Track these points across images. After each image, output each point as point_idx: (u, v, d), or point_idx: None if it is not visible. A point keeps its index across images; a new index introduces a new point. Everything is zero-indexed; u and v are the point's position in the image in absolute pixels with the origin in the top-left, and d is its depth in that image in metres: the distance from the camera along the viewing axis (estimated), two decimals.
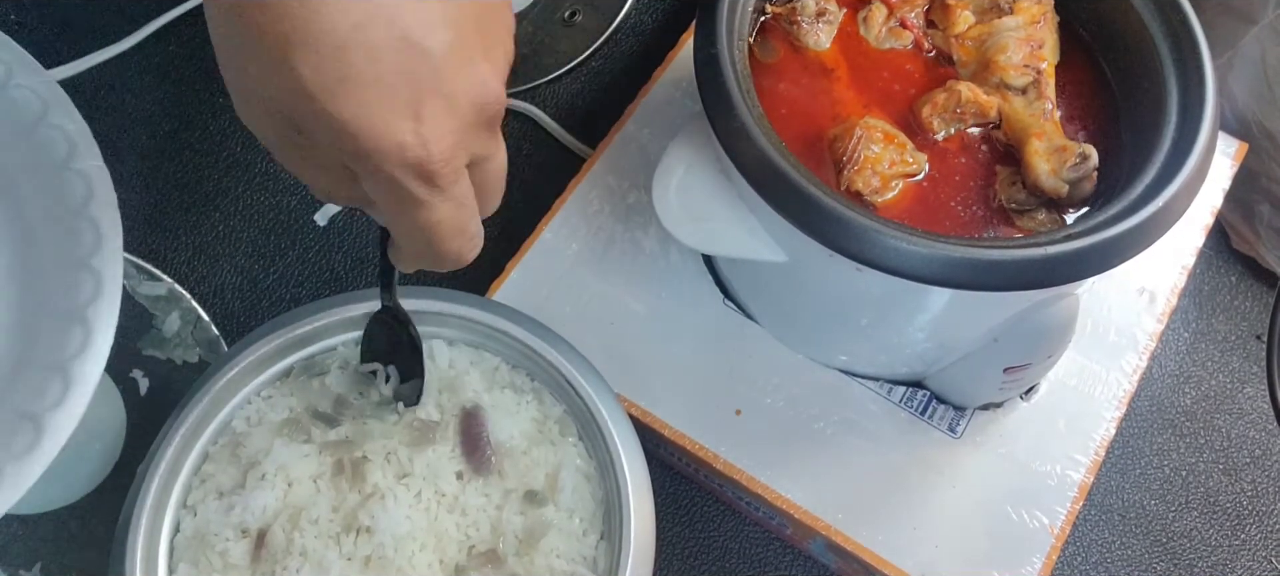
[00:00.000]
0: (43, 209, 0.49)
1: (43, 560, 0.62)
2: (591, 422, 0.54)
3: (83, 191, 0.48)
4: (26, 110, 0.49)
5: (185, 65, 0.79)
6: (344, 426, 0.54)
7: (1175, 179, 0.52)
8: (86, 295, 0.46)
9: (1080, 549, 0.66)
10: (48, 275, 0.47)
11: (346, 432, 0.54)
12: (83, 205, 0.47)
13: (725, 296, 0.65)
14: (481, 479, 0.53)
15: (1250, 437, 0.69)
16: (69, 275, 0.47)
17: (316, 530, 0.51)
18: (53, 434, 0.43)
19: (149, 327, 0.68)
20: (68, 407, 0.44)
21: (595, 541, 0.53)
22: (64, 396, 0.44)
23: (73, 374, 0.44)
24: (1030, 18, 0.60)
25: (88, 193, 0.48)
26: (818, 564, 0.64)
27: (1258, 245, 0.73)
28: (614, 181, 0.68)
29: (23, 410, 0.44)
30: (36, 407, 0.44)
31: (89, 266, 0.47)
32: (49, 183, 0.49)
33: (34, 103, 0.49)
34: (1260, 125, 0.72)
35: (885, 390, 0.63)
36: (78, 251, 0.47)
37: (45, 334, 0.46)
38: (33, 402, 0.44)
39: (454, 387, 0.55)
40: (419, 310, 0.56)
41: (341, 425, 0.54)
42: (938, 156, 0.58)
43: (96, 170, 0.49)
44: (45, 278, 0.47)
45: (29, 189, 0.49)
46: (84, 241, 0.48)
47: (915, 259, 0.50)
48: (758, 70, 0.59)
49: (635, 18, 0.82)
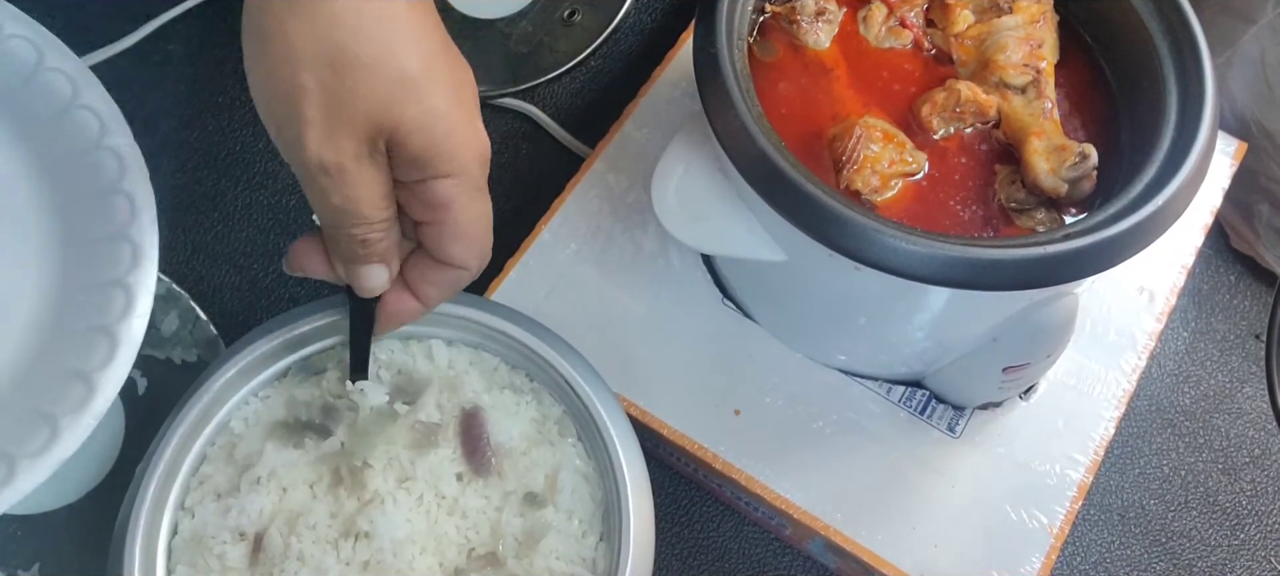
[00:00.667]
0: (78, 186, 0.51)
1: (41, 561, 0.62)
2: (591, 423, 0.54)
3: (115, 169, 0.49)
4: (60, 94, 0.51)
5: (185, 65, 0.79)
6: (338, 434, 0.53)
7: (1174, 178, 0.52)
8: (126, 264, 0.48)
9: (1079, 548, 0.66)
10: (87, 248, 0.49)
11: (342, 438, 0.53)
12: (117, 181, 0.49)
13: (724, 296, 0.65)
14: (481, 480, 0.53)
15: (1249, 437, 0.69)
16: (108, 247, 0.49)
17: (314, 535, 0.51)
18: (103, 390, 0.46)
19: (147, 327, 0.67)
20: (115, 366, 0.46)
21: (594, 542, 0.53)
22: (112, 355, 0.46)
23: (118, 334, 0.47)
24: (1029, 17, 0.60)
25: (120, 170, 0.50)
26: (817, 563, 0.64)
27: (1257, 244, 0.73)
28: (613, 181, 0.68)
29: (73, 369, 0.46)
30: (87, 365, 0.47)
31: (127, 237, 0.49)
32: (84, 161, 0.51)
33: (65, 86, 0.51)
34: (1259, 124, 0.72)
35: (884, 389, 0.63)
36: (114, 223, 0.49)
37: (89, 300, 0.49)
38: (83, 361, 0.47)
39: (454, 388, 0.55)
40: None
41: (336, 434, 0.53)
42: (937, 156, 0.58)
43: (128, 147, 0.53)
44: (85, 249, 0.49)
45: (64, 168, 0.51)
46: (119, 215, 0.50)
47: (914, 258, 0.50)
48: (757, 69, 0.59)
49: (634, 17, 0.82)
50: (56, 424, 0.46)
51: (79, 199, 0.51)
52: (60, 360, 0.48)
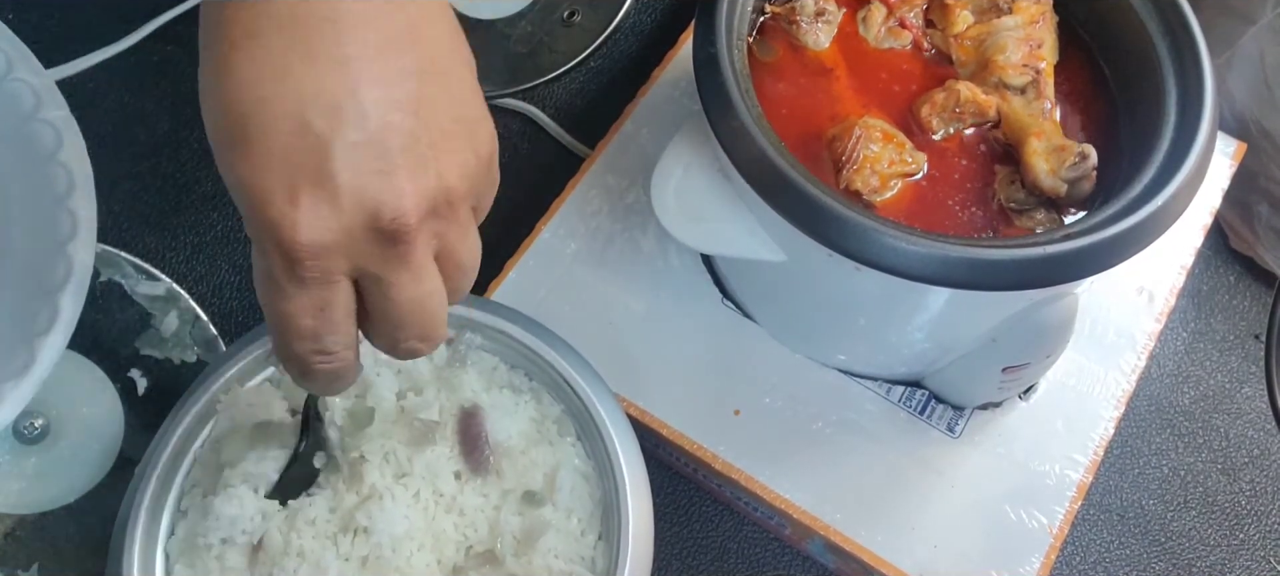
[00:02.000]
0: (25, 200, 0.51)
1: (41, 560, 0.62)
2: (590, 422, 0.54)
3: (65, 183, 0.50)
4: (22, 103, 0.51)
5: (183, 65, 0.79)
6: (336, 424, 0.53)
7: (1174, 179, 0.52)
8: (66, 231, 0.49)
9: (1079, 548, 0.66)
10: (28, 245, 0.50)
11: (339, 423, 0.53)
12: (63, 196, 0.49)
13: (724, 296, 0.65)
14: (480, 479, 0.53)
15: (1249, 437, 0.69)
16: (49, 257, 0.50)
17: (314, 531, 0.51)
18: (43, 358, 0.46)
19: (147, 327, 0.67)
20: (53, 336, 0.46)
21: (593, 541, 0.53)
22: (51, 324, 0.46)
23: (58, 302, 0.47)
24: (1029, 17, 0.60)
25: (69, 185, 0.50)
26: (816, 563, 0.64)
27: (1256, 245, 0.73)
28: (613, 181, 0.68)
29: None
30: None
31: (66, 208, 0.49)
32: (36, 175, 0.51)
33: (28, 97, 0.51)
34: (1259, 125, 0.72)
35: (884, 389, 0.63)
36: (58, 236, 0.50)
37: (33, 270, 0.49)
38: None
39: (452, 387, 0.55)
40: None
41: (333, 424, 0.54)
42: (936, 156, 0.58)
43: (78, 164, 0.52)
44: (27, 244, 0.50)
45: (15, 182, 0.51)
46: (62, 230, 0.50)
47: (914, 258, 0.50)
48: (757, 70, 0.59)
49: (634, 17, 0.82)
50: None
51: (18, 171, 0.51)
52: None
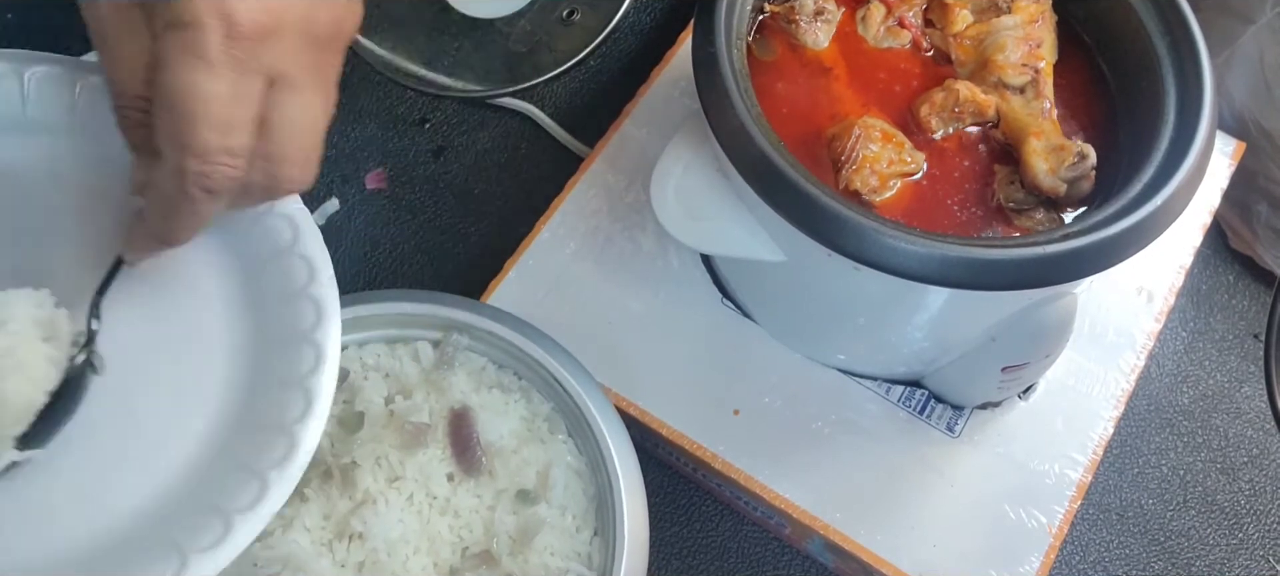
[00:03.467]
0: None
1: None
2: (580, 419, 0.54)
3: (312, 316, 0.50)
4: (280, 238, 0.51)
5: None
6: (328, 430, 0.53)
7: (1173, 178, 0.52)
8: (309, 364, 0.48)
9: (1078, 548, 0.66)
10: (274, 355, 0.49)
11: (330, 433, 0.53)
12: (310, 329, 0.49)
13: (723, 296, 0.65)
14: (473, 480, 0.53)
15: (1248, 437, 0.69)
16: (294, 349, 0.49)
17: (309, 537, 0.51)
18: (278, 489, 0.46)
19: None
20: (291, 465, 0.46)
21: (589, 537, 0.53)
22: (289, 455, 0.46)
23: (297, 435, 0.47)
24: (1028, 17, 0.60)
25: (317, 317, 0.49)
26: (816, 563, 0.64)
27: (1255, 245, 0.73)
28: (612, 181, 0.68)
29: (248, 466, 0.46)
30: (261, 465, 0.46)
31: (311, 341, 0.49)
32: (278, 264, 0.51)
33: (286, 231, 0.51)
34: (1258, 124, 0.72)
35: (883, 389, 0.63)
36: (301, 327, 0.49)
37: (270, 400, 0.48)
38: (257, 459, 0.46)
39: (441, 389, 0.55)
40: (401, 313, 0.56)
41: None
42: (936, 155, 0.58)
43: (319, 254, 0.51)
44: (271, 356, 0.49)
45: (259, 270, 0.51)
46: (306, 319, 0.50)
47: (913, 258, 0.50)
48: (756, 69, 0.59)
49: (634, 17, 0.82)
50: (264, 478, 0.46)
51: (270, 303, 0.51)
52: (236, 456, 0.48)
